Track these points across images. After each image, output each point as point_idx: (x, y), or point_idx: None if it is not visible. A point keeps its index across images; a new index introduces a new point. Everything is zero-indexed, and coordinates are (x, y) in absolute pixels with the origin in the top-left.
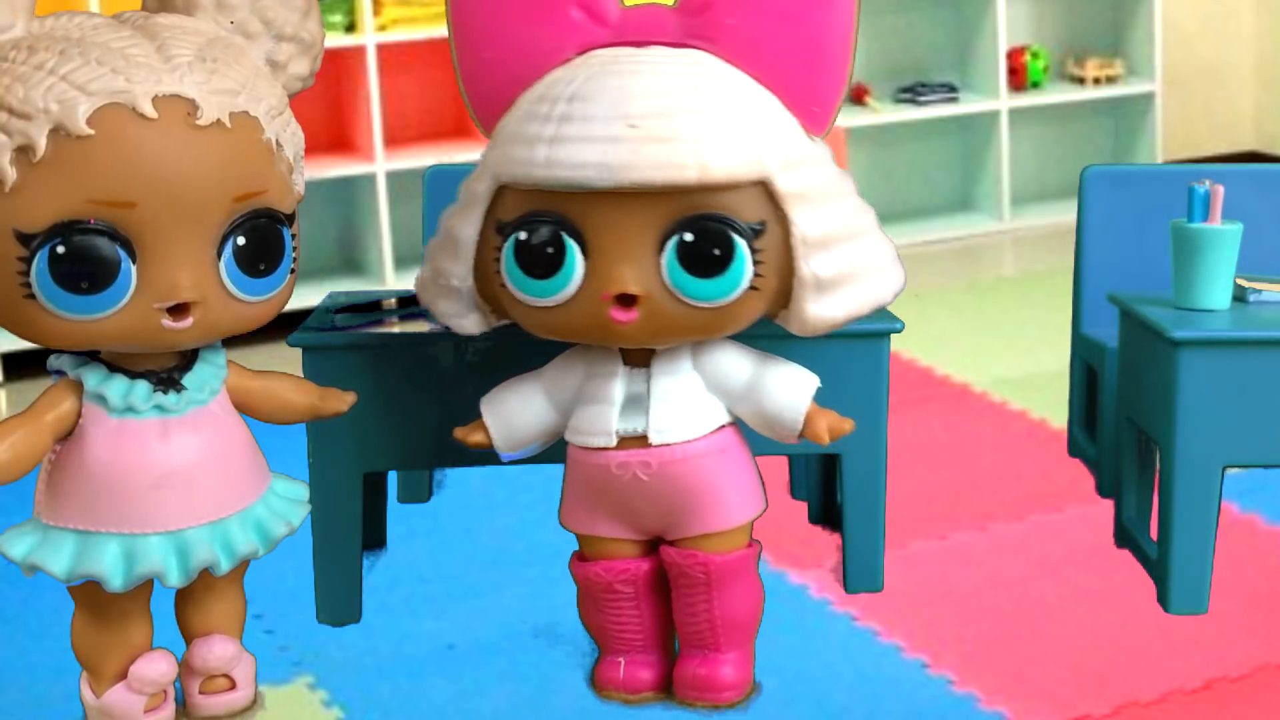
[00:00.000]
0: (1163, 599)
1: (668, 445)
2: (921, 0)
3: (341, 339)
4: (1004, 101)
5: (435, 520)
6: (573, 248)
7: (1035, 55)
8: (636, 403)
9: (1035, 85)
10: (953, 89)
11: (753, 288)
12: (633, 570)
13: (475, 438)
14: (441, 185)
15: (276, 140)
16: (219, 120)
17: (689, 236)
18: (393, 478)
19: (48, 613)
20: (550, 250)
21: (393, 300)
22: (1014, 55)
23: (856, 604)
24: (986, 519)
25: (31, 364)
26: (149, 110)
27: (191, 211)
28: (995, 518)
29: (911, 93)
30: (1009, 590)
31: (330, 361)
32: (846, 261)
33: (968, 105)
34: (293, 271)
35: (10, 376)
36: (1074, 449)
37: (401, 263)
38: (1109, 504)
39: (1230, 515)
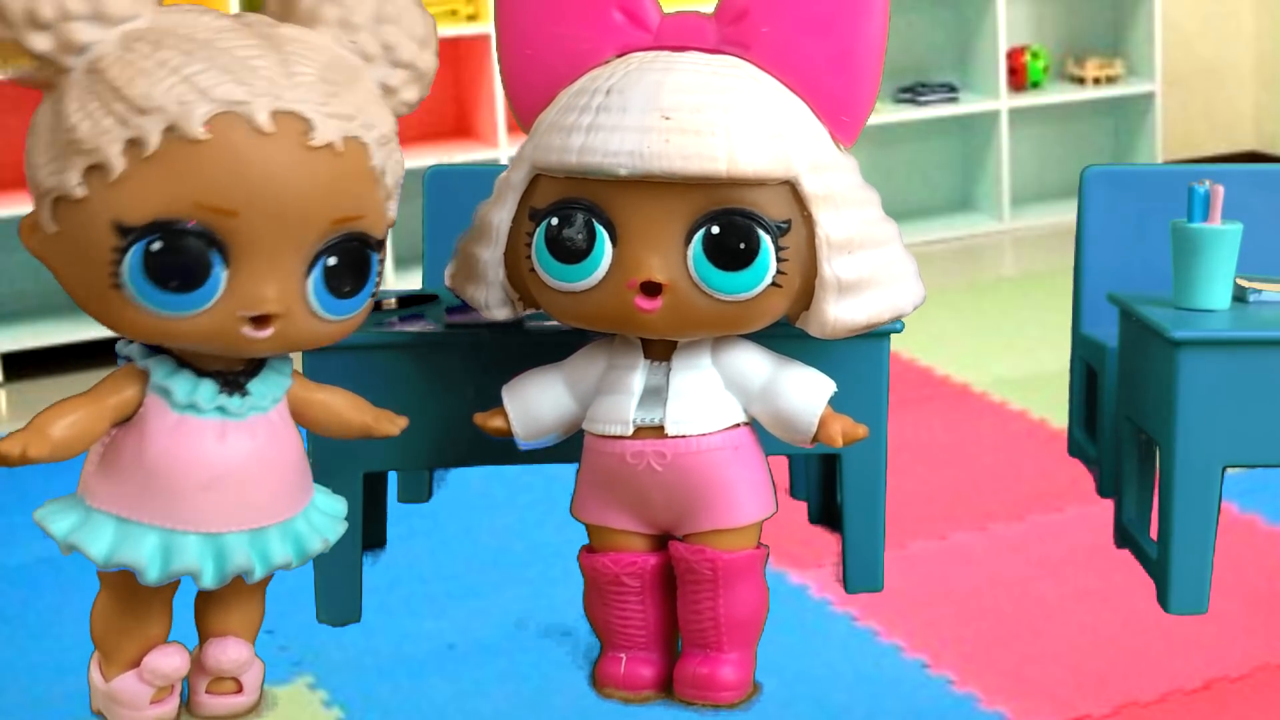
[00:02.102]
0: (1163, 599)
1: (683, 437)
2: (921, 0)
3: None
4: (1004, 101)
5: (435, 520)
6: (602, 235)
7: (1035, 55)
8: (655, 395)
9: (1035, 85)
10: (953, 89)
11: (775, 284)
12: (640, 564)
13: (495, 423)
14: (441, 185)
15: (382, 167)
16: (331, 143)
17: (716, 229)
18: (393, 478)
19: (48, 612)
20: (580, 236)
21: (393, 300)
22: (1014, 55)
23: (856, 604)
24: (986, 519)
25: (32, 364)
26: (265, 124)
27: (290, 228)
28: (995, 518)
29: (911, 93)
30: (1009, 590)
31: (331, 361)
32: (868, 267)
33: (968, 105)
34: (373, 295)
35: (10, 376)
36: (1074, 449)
37: (401, 263)
38: (1109, 504)
39: (1230, 515)
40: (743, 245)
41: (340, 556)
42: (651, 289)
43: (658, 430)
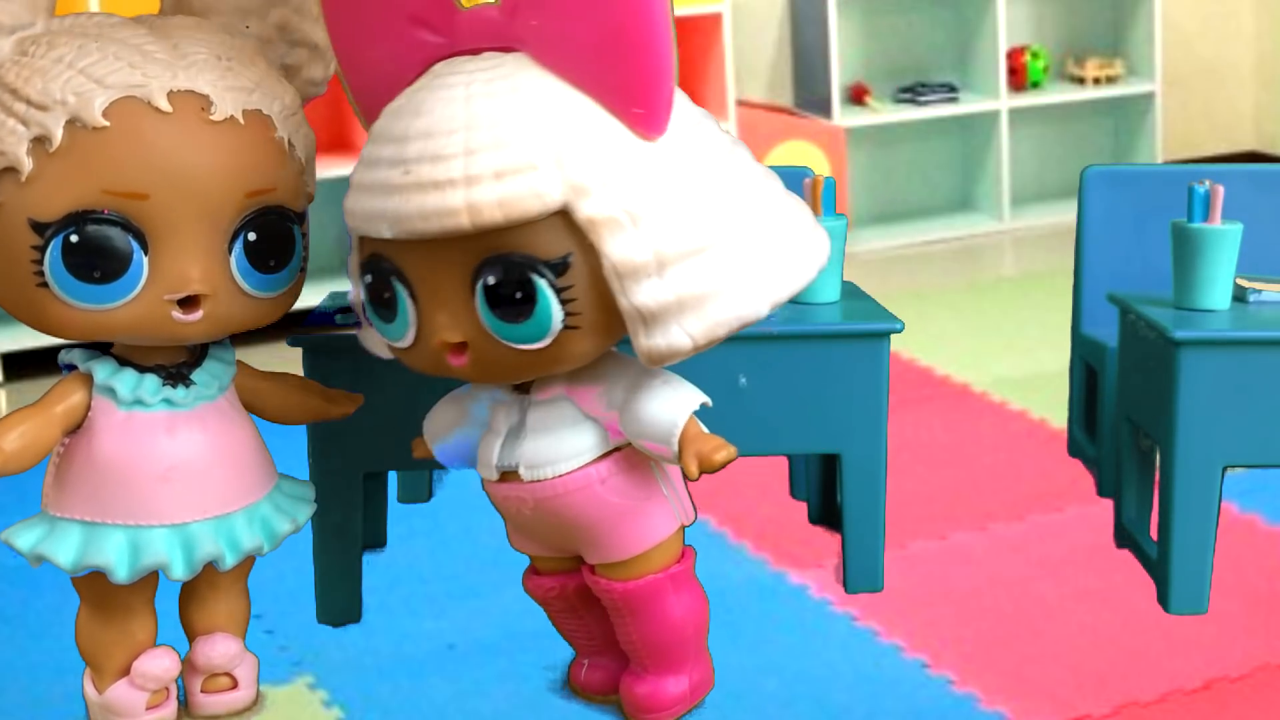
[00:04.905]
0: (1163, 599)
1: (539, 482)
2: (921, 0)
3: (342, 339)
4: (1004, 101)
5: (435, 520)
6: (402, 294)
7: (1035, 55)
8: (516, 434)
9: (1035, 85)
10: (953, 89)
11: (570, 327)
12: (559, 587)
13: (418, 452)
14: None
15: (289, 140)
16: (232, 116)
17: (491, 280)
18: (393, 478)
19: (48, 612)
20: (387, 295)
21: None
22: (1014, 55)
23: (856, 604)
24: (986, 519)
25: (31, 364)
26: (164, 104)
27: (203, 205)
28: (995, 518)
29: (911, 93)
30: (1009, 590)
31: (331, 361)
32: (689, 282)
33: (968, 105)
34: (302, 270)
35: (10, 376)
36: (1074, 449)
37: None
38: (1109, 504)
39: (1230, 515)
40: (519, 294)
41: (340, 556)
42: (454, 346)
43: (518, 475)
